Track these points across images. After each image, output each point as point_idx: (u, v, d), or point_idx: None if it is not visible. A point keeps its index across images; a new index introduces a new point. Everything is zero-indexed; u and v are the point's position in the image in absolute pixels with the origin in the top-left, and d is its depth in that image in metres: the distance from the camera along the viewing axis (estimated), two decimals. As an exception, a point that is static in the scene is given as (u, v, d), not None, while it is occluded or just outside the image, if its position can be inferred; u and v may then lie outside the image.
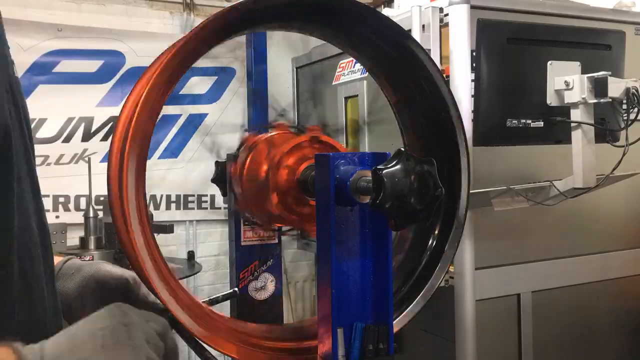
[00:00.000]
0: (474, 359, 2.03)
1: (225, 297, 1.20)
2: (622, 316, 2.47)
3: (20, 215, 0.85)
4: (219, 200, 3.76)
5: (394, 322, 1.08)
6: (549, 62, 1.85)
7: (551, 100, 1.85)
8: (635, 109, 1.87)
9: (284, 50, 3.73)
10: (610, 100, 1.80)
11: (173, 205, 3.79)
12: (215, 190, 1.34)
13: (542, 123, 1.89)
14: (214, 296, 1.16)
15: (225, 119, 3.84)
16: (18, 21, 3.23)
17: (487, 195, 1.95)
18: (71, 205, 3.50)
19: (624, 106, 1.90)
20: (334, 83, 3.00)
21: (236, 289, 1.35)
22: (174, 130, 3.77)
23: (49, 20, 3.42)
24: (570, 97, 1.82)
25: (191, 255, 3.47)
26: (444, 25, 2.21)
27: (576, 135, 1.85)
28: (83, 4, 3.56)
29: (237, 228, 1.46)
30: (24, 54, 3.29)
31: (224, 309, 1.26)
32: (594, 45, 1.99)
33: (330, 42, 1.27)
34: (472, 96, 1.93)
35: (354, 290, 0.97)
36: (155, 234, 1.07)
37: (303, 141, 1.15)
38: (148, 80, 0.99)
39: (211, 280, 3.89)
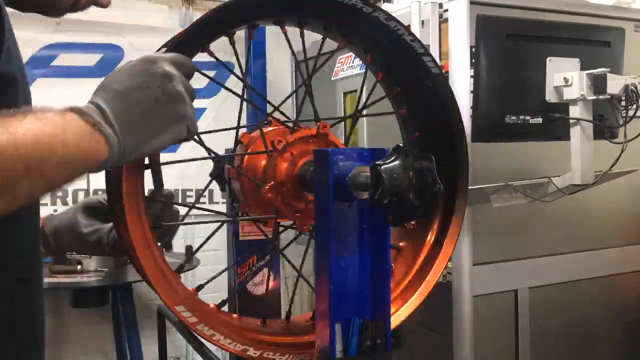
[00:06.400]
0: (471, 355, 2.04)
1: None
2: (619, 313, 2.48)
3: None
4: (218, 195, 3.76)
5: (392, 317, 1.08)
6: (548, 59, 1.84)
7: (550, 96, 1.85)
8: (634, 106, 1.86)
9: (283, 45, 3.71)
10: (609, 97, 1.80)
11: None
12: (213, 185, 1.34)
13: (540, 119, 1.89)
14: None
15: (223, 114, 3.83)
16: (16, 14, 3.22)
17: (486, 191, 1.95)
18: (69, 199, 3.49)
19: (623, 103, 1.90)
20: (332, 78, 2.99)
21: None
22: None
23: (48, 13, 3.41)
24: (569, 94, 1.82)
25: (189, 249, 3.47)
26: (443, 21, 2.21)
27: (575, 131, 1.85)
28: (82, -2, 3.54)
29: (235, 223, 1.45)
30: (22, 47, 3.27)
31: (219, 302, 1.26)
32: (594, 42, 1.99)
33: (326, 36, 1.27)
34: (471, 92, 1.93)
35: (352, 286, 0.97)
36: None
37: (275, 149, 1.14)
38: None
39: (210, 275, 3.88)
